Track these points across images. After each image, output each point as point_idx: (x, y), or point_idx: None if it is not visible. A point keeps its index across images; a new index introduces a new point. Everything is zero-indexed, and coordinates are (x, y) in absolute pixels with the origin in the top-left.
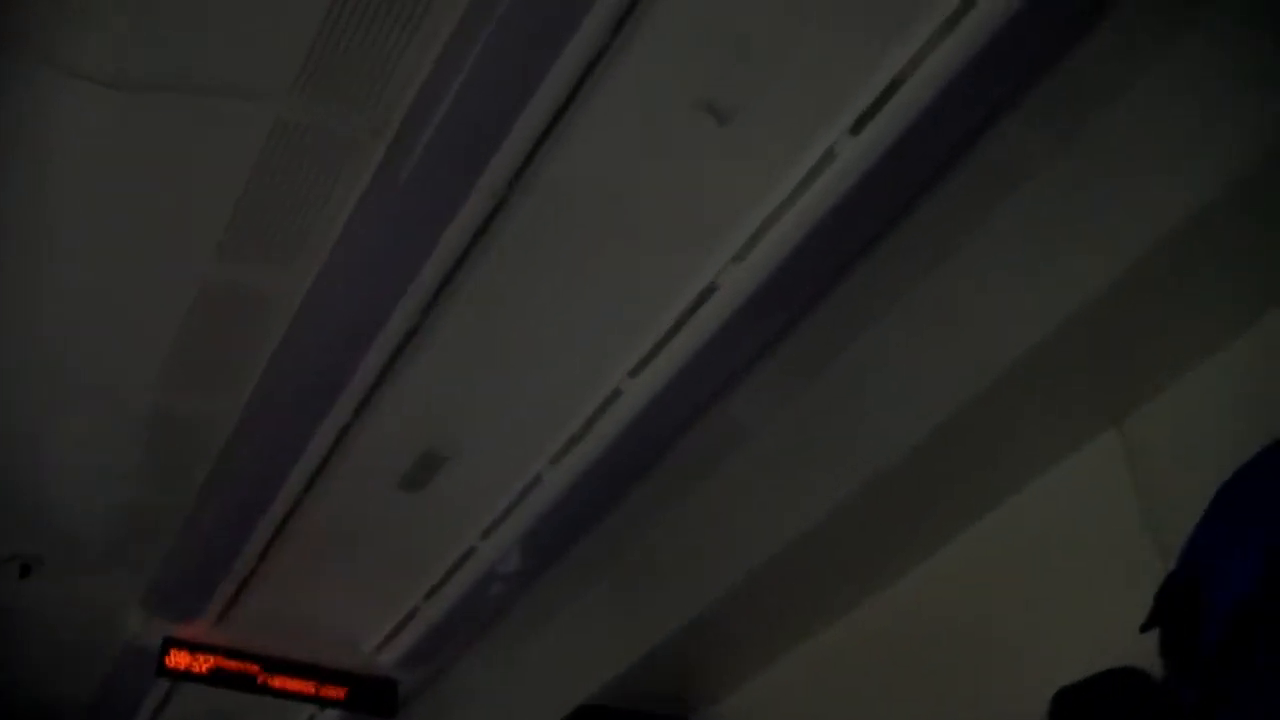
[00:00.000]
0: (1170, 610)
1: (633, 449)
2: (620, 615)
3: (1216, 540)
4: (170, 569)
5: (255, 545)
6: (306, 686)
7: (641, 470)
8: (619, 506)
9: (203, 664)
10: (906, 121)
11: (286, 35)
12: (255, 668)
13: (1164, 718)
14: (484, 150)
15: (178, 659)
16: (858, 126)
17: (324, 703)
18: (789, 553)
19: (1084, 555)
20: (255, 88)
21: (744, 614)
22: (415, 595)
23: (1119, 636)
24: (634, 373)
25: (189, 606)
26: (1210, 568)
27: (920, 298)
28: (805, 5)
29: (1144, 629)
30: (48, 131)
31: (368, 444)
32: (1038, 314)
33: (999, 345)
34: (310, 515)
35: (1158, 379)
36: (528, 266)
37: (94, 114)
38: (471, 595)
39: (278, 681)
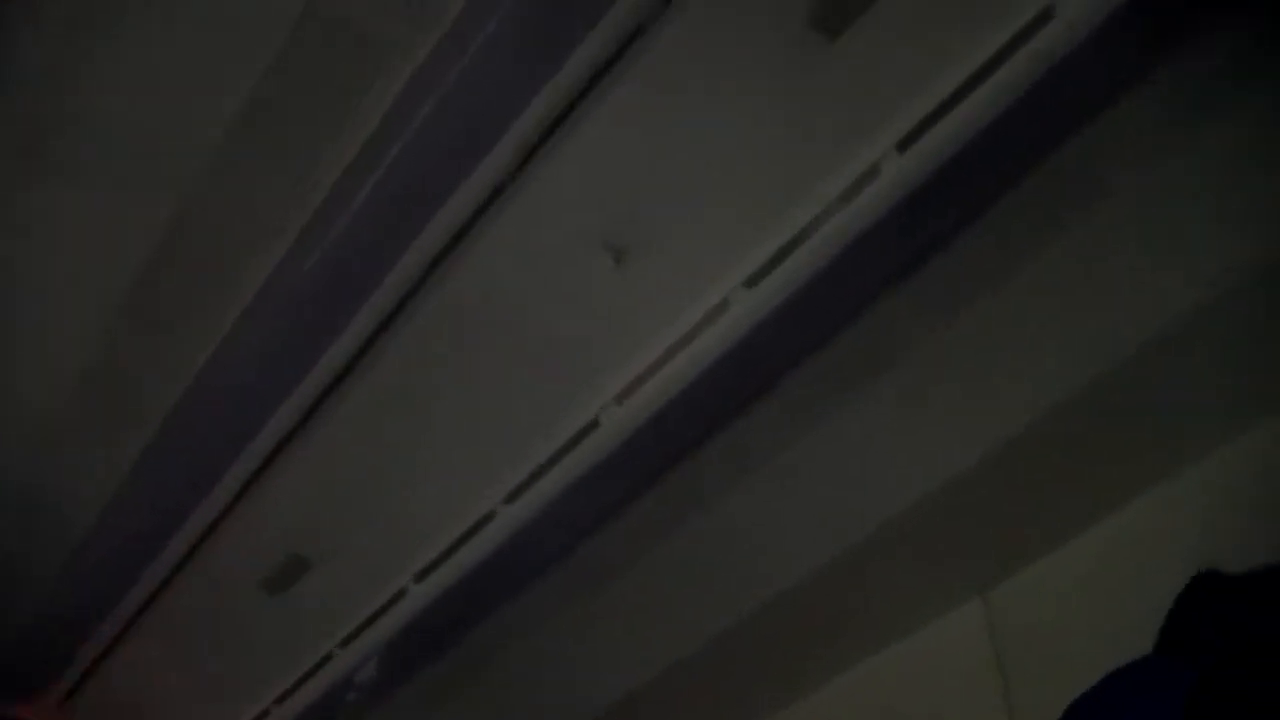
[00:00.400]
0: None
1: (501, 573)
2: None
3: None
4: (19, 642)
5: (110, 629)
6: None
7: (508, 594)
8: (482, 627)
9: None
10: (800, 281)
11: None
12: None
13: None
14: (378, 267)
15: None
16: (752, 281)
17: None
18: (647, 690)
19: None
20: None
21: None
22: (267, 698)
23: None
24: (510, 499)
25: (32, 683)
26: None
27: (793, 457)
28: (714, 160)
29: None
30: None
31: (233, 542)
32: (906, 481)
33: (863, 510)
34: (168, 606)
35: (1028, 552)
36: (413, 383)
37: None
38: (324, 703)
39: None
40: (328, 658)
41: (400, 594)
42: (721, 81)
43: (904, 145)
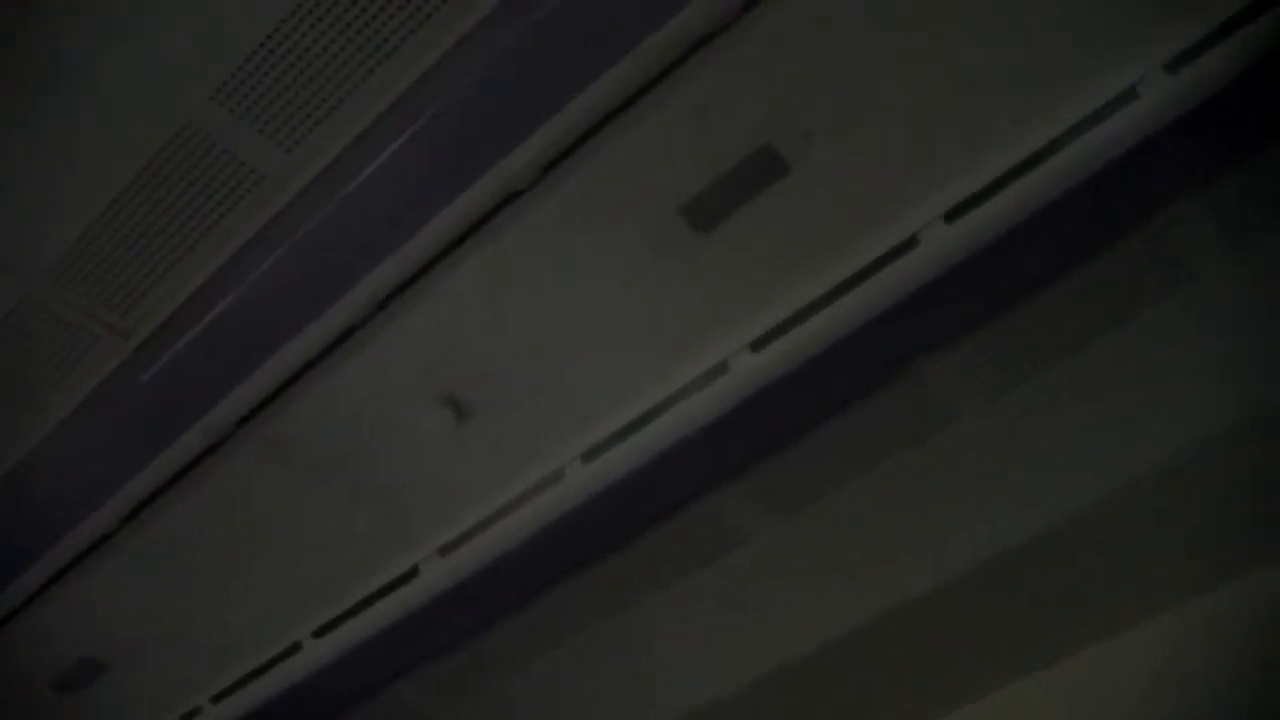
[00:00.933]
0: None
1: (300, 705)
2: None
3: None
4: None
5: None
6: None
7: None
8: None
9: None
10: (637, 462)
11: None
12: None
13: None
14: (214, 393)
15: None
16: (590, 455)
17: None
18: None
19: None
20: None
21: None
22: None
23: None
24: (318, 633)
25: None
26: None
27: (601, 638)
28: (571, 331)
29: None
30: None
31: (27, 637)
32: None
33: (668, 700)
34: None
35: None
36: (236, 508)
37: None
38: None
39: None
40: None
41: (195, 711)
42: (588, 256)
43: (758, 345)
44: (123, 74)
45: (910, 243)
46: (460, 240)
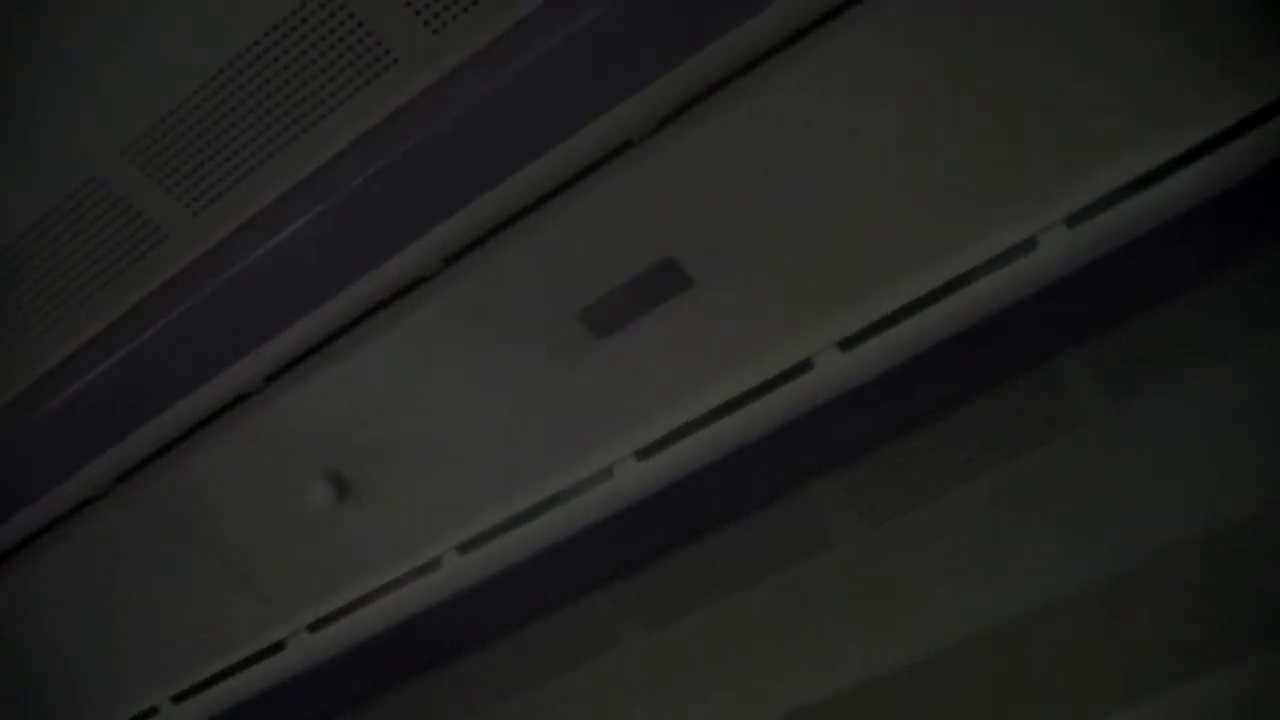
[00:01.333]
0: None
1: None
2: None
3: None
4: None
5: None
6: None
7: None
8: None
9: None
10: (512, 559)
11: None
12: None
13: None
14: (94, 447)
15: None
16: (466, 548)
17: None
18: None
19: None
20: None
21: None
22: None
23: None
24: (178, 699)
25: None
26: None
27: None
28: (463, 422)
29: None
30: None
31: None
32: None
33: None
34: None
35: None
36: (100, 569)
37: None
38: None
39: None
40: None
41: None
42: (486, 350)
43: (643, 455)
44: (41, 116)
45: (804, 366)
46: (357, 322)
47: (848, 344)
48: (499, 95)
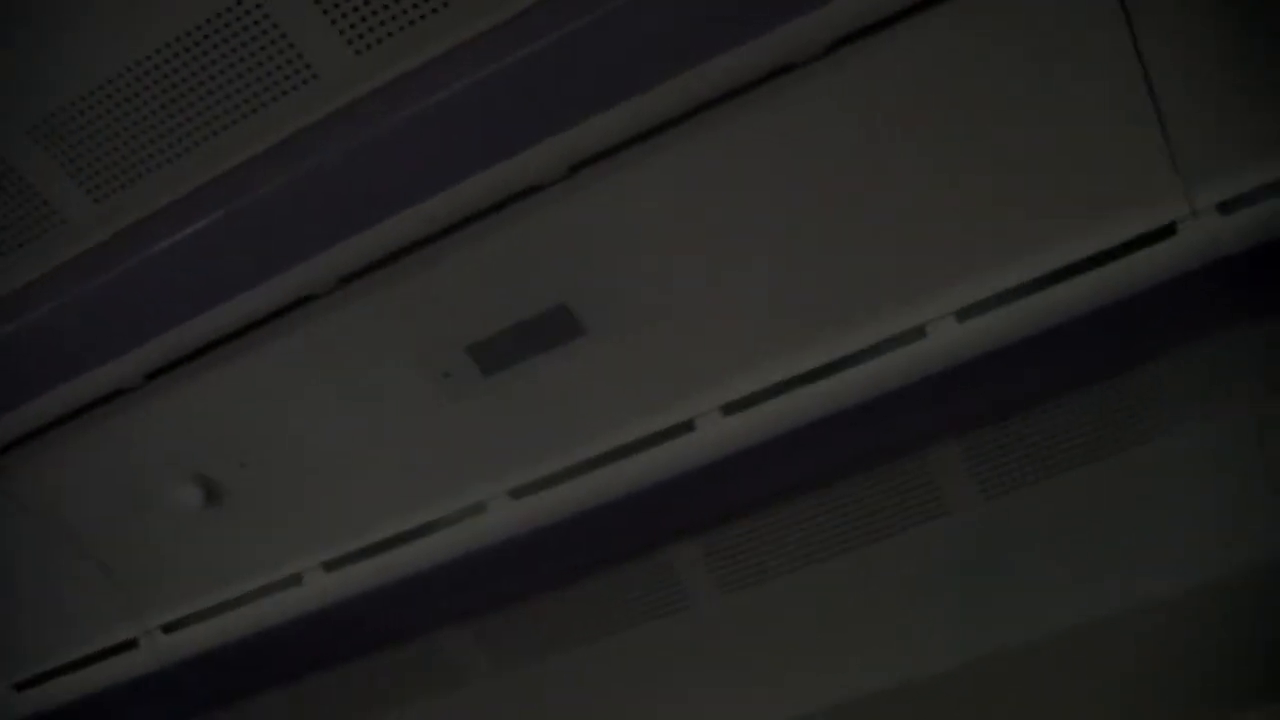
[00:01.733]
0: None
1: None
2: None
3: None
4: None
5: None
6: None
7: None
8: None
9: None
10: (377, 581)
11: None
12: None
13: None
14: None
15: None
16: (331, 566)
17: None
18: None
19: None
20: None
21: None
22: None
23: None
24: (20, 688)
25: None
26: None
27: None
28: (340, 442)
29: None
30: None
31: None
32: None
33: None
34: None
35: None
36: None
37: None
38: None
39: None
40: None
41: None
42: (371, 372)
43: (518, 493)
44: None
45: (686, 426)
46: (244, 330)
47: (730, 409)
48: (413, 124)
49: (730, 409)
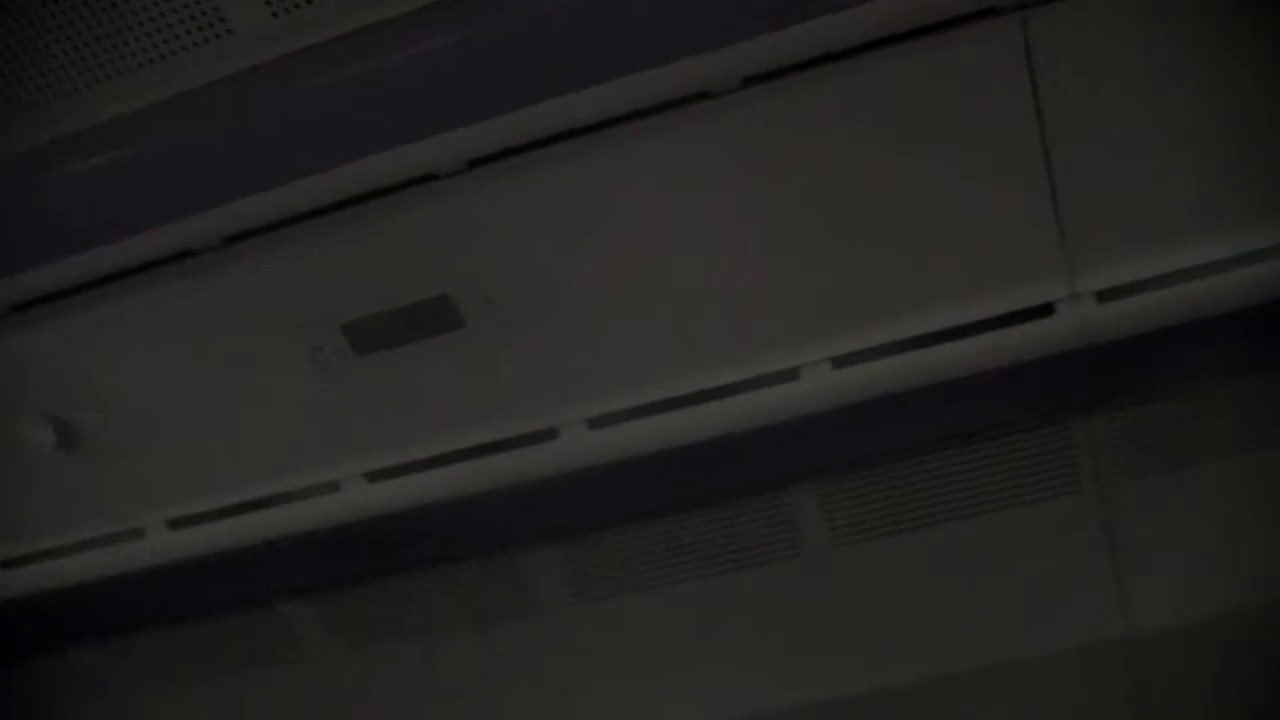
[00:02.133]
0: None
1: None
2: None
3: None
4: None
5: None
6: None
7: None
8: None
9: None
10: (224, 544)
11: None
12: None
13: None
14: None
15: None
16: (177, 524)
17: None
18: None
19: None
20: None
21: None
22: None
23: None
24: None
25: None
26: None
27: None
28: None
29: None
30: None
31: None
32: None
33: None
34: None
35: None
36: None
37: None
38: None
39: None
40: None
41: None
42: (242, 332)
43: (375, 477)
44: None
45: (549, 434)
46: (118, 275)
47: (597, 423)
48: (320, 96)
49: (597, 423)
